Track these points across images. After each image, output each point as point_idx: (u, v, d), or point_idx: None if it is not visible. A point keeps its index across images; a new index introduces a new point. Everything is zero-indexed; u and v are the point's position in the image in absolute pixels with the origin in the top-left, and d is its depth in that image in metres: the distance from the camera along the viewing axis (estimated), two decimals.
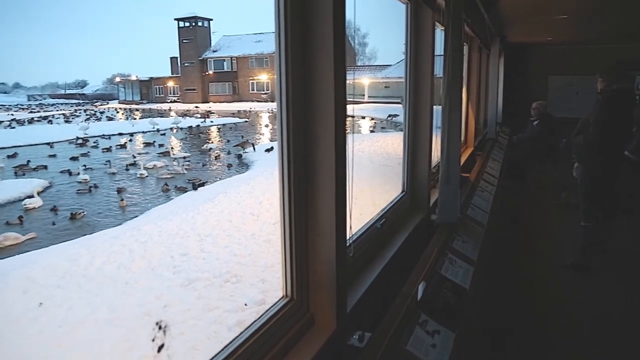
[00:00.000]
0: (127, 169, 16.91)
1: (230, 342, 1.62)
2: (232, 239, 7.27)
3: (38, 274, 6.22)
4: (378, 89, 47.56)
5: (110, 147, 22.43)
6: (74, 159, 19.44)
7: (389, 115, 31.77)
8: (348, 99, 1.84)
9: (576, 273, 4.31)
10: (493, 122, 8.61)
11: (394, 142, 16.93)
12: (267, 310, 1.82)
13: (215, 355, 1.56)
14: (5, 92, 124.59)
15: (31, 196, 12.52)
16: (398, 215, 3.16)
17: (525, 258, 4.79)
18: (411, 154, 3.45)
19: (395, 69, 47.07)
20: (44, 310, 5.25)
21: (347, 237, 2.05)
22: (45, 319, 5.04)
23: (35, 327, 4.87)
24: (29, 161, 18.27)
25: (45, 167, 17.52)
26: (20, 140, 24.98)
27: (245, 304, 5.13)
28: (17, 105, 79.69)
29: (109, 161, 18.29)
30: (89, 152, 21.21)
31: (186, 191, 13.14)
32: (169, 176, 15.41)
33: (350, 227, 2.19)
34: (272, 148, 18.78)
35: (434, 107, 3.47)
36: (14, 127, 35.88)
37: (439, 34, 3.45)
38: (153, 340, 4.35)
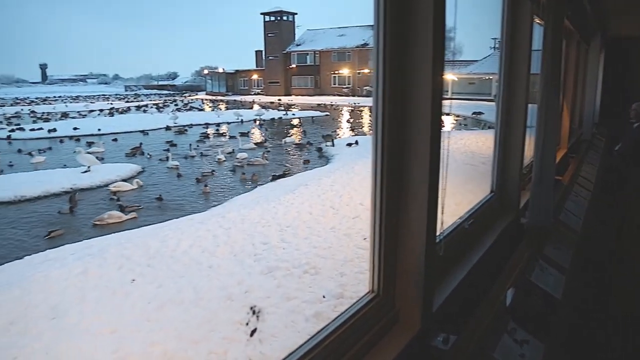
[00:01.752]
0: (211, 158, 17.69)
1: (317, 333, 1.63)
2: (311, 230, 7.36)
3: (132, 252, 6.66)
4: (462, 86, 46.07)
5: (200, 137, 23.56)
6: (171, 144, 20.63)
7: (473, 113, 30.65)
8: None
9: None
10: (589, 123, 8.05)
11: (478, 141, 16.29)
12: (353, 304, 1.81)
13: (302, 345, 1.59)
14: (106, 83, 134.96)
15: (126, 179, 13.49)
16: (486, 217, 3.05)
17: (625, 270, 4.44)
18: (502, 153, 3.31)
19: (481, 64, 45.36)
20: (135, 287, 5.61)
21: (437, 235, 2.01)
22: (137, 294, 5.38)
23: (129, 301, 5.22)
24: (141, 143, 19.76)
25: (143, 153, 18.78)
26: (118, 127, 26.98)
27: (324, 296, 5.16)
28: (115, 94, 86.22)
29: (194, 149, 19.26)
30: (175, 140, 22.42)
31: (267, 181, 13.53)
32: (251, 166, 15.93)
33: (442, 223, 2.14)
34: (355, 142, 18.74)
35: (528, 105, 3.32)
36: (113, 115, 38.66)
37: (537, 29, 3.28)
38: (247, 324, 4.51)
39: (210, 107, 49.39)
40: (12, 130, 27.00)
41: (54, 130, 26.34)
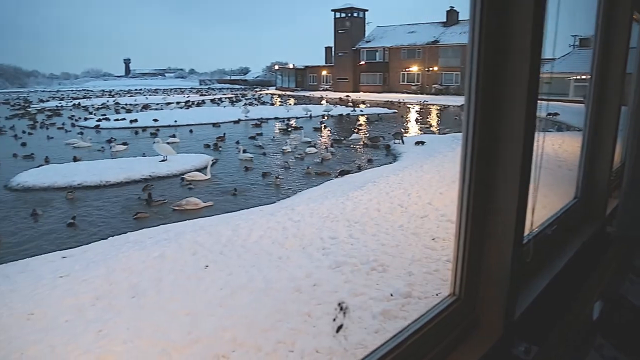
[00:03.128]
0: (279, 151, 18.02)
1: (398, 334, 1.61)
2: (379, 228, 7.30)
3: (205, 240, 6.93)
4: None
5: (270, 130, 24.07)
6: (252, 138, 21.22)
7: (548, 114, 29.12)
8: None
9: None
10: None
11: (554, 143, 15.45)
12: (434, 307, 1.77)
13: (383, 345, 1.57)
14: (182, 77, 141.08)
15: (201, 169, 14.04)
16: (569, 223, 2.90)
17: None
18: (589, 157, 3.12)
19: (559, 63, 42.96)
20: (208, 273, 5.82)
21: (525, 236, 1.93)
22: (209, 280, 5.58)
23: (202, 286, 5.42)
24: (224, 133, 20.62)
25: (216, 144, 19.47)
26: (193, 119, 28.16)
27: (391, 295, 5.10)
28: (191, 88, 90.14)
29: (264, 142, 19.71)
30: (247, 132, 23.04)
31: (333, 177, 13.60)
32: (319, 161, 16.07)
33: (532, 226, 2.06)
34: (422, 142, 18.40)
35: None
36: (188, 108, 40.36)
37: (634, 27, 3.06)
38: (334, 320, 4.55)
39: (279, 102, 50.32)
40: (100, 120, 29.06)
41: (135, 120, 27.99)
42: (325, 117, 31.32)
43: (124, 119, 29.44)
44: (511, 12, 1.58)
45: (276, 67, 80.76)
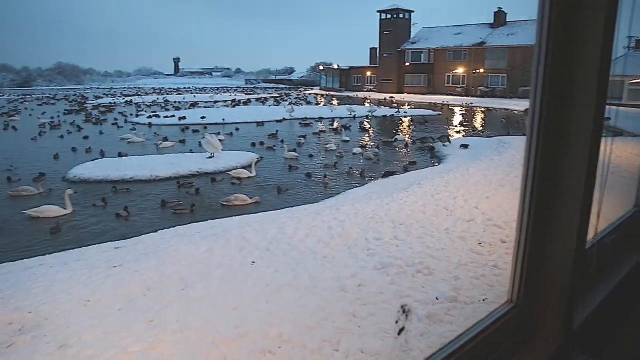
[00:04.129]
0: (324, 151, 18.07)
1: (454, 341, 1.59)
2: (425, 230, 7.21)
3: (252, 236, 7.04)
4: None
5: (316, 130, 24.22)
6: (301, 137, 21.52)
7: None
8: None
9: None
10: None
11: (606, 149, 14.88)
12: (491, 314, 1.74)
13: (437, 352, 1.56)
14: (229, 77, 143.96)
15: (246, 167, 14.28)
16: (629, 232, 2.78)
17: None
18: None
19: (613, 66, 41.26)
20: (255, 269, 5.91)
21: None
22: (256, 276, 5.66)
23: (248, 281, 5.50)
24: (277, 130, 21.36)
25: (262, 143, 19.75)
26: (240, 118, 28.70)
27: (437, 298, 5.03)
28: (237, 87, 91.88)
29: (308, 141, 19.83)
30: (292, 131, 23.23)
31: (377, 178, 13.53)
32: (363, 161, 16.03)
33: (596, 231, 1.99)
34: (467, 145, 18.02)
35: None
36: (235, 107, 41.14)
37: None
38: (396, 322, 4.56)
39: (323, 102, 50.50)
40: (150, 117, 30.09)
41: (184, 118, 28.79)
42: (369, 118, 31.19)
43: (173, 116, 30.37)
44: (582, 12, 1.54)
45: (321, 67, 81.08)
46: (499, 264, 5.96)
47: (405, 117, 32.74)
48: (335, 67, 74.03)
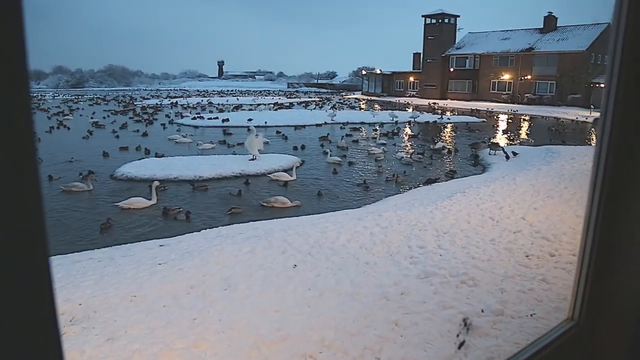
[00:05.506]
0: (366, 156, 17.99)
1: (511, 358, 1.53)
2: (469, 240, 7.04)
3: (294, 239, 7.05)
4: None
5: (359, 134, 24.19)
6: (349, 136, 21.51)
7: None
8: None
9: None
10: None
11: None
12: (549, 332, 1.65)
13: None
14: (271, 80, 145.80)
15: (287, 170, 14.35)
16: None
17: None
18: None
19: None
20: (297, 272, 5.91)
21: None
22: (298, 279, 5.66)
23: (290, 284, 5.51)
24: (328, 134, 21.30)
25: (303, 146, 19.86)
26: (282, 121, 28.97)
27: (482, 311, 4.89)
28: (279, 91, 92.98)
29: (349, 146, 19.79)
30: (338, 135, 23.26)
31: (421, 184, 13.34)
32: (405, 167, 15.84)
33: None
34: (515, 153, 17.51)
35: None
36: (277, 110, 41.58)
37: None
38: (457, 335, 4.48)
39: (365, 106, 50.35)
40: (194, 118, 30.85)
41: (227, 120, 29.31)
42: (412, 124, 30.87)
43: (216, 118, 30.97)
44: None
45: (363, 72, 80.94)
46: (548, 278, 5.75)
47: (449, 123, 32.20)
48: (378, 71, 73.72)
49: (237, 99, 59.64)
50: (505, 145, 20.34)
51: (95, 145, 19.82)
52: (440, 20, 62.44)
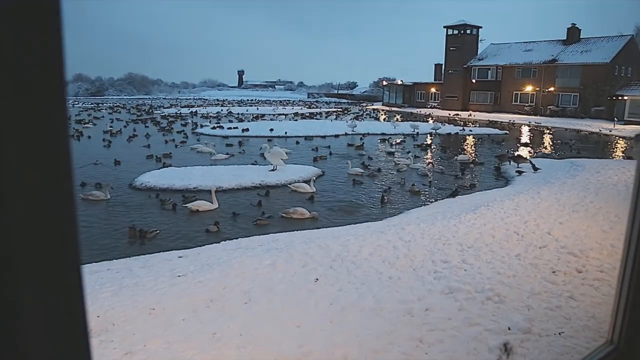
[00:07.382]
0: (388, 167, 17.85)
1: None
2: (494, 255, 6.86)
3: (315, 252, 6.96)
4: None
5: (379, 146, 24.12)
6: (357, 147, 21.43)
7: None
8: None
9: None
10: None
11: None
12: (588, 356, 1.56)
13: None
14: (291, 90, 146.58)
15: (307, 181, 14.28)
16: None
17: None
18: None
19: None
20: (318, 286, 5.81)
21: None
22: (319, 293, 5.55)
23: (312, 299, 5.40)
24: (363, 143, 20.84)
25: (325, 157, 19.82)
26: (302, 131, 29.01)
27: (509, 328, 4.74)
28: (299, 101, 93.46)
29: (370, 157, 19.70)
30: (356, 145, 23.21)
31: (444, 197, 13.14)
32: (427, 180, 15.65)
33: None
34: (537, 167, 17.14)
35: None
36: (296, 120, 41.68)
37: None
38: None
39: (385, 117, 50.17)
40: (214, 128, 31.08)
41: (247, 130, 29.43)
42: (433, 135, 30.61)
43: (236, 127, 31.14)
44: None
45: (384, 82, 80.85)
46: (575, 295, 5.57)
47: (471, 135, 31.84)
48: (399, 82, 73.48)
49: (257, 108, 60.06)
50: (529, 157, 19.94)
51: (115, 154, 20.02)
52: (462, 31, 62.08)
